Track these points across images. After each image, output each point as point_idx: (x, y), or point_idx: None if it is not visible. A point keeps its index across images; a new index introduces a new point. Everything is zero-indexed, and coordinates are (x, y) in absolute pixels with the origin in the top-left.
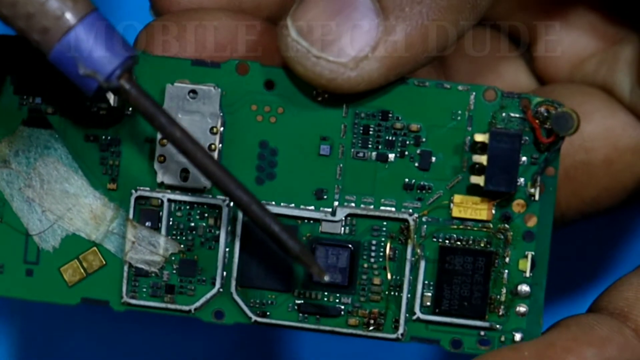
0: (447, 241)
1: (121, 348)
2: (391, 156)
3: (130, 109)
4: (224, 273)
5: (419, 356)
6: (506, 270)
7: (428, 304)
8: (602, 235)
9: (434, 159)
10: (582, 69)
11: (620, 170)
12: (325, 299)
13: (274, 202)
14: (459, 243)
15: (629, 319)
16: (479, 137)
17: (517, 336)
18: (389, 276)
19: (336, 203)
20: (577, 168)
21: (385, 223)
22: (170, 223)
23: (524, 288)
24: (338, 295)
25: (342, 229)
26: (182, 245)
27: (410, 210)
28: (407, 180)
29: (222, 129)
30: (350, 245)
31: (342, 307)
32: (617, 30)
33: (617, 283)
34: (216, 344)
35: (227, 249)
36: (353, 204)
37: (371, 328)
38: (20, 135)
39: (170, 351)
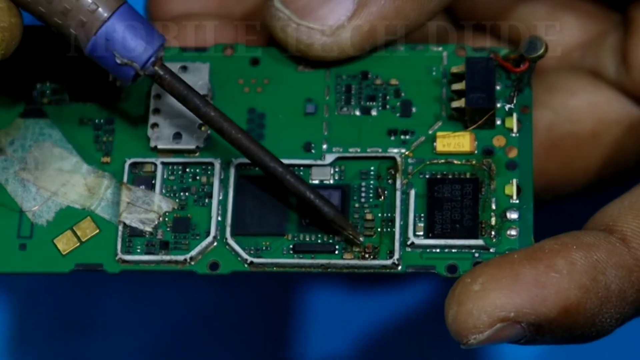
0: (434, 176)
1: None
2: (374, 110)
3: (123, 93)
4: (219, 226)
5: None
6: (494, 198)
7: (421, 233)
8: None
9: (414, 108)
10: (569, 58)
11: (607, 142)
12: (319, 240)
13: None
14: (445, 176)
15: (615, 231)
16: (455, 69)
17: None
18: (374, 199)
19: (324, 153)
20: (564, 139)
21: (372, 168)
22: (164, 189)
23: (512, 215)
24: (332, 235)
25: (332, 176)
26: (175, 203)
27: (396, 151)
28: (390, 127)
29: (212, 101)
30: (341, 187)
31: (337, 245)
32: (602, 19)
33: (600, 209)
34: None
35: (220, 205)
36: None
37: (367, 259)
38: (16, 127)
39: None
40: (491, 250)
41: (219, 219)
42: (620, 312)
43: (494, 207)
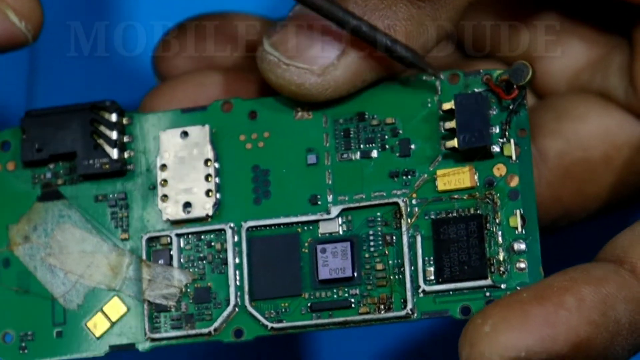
0: (438, 216)
1: None
2: (374, 152)
3: (131, 165)
4: (238, 292)
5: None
6: (500, 232)
7: (431, 277)
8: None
9: (413, 146)
10: (578, 80)
11: (619, 166)
12: (335, 295)
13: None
14: (449, 215)
15: (625, 262)
16: (447, 106)
17: None
18: (383, 248)
19: (330, 205)
20: (576, 165)
21: (379, 213)
22: (181, 258)
23: (520, 246)
24: (346, 288)
25: (340, 227)
26: (194, 274)
27: (399, 193)
28: (391, 169)
29: (216, 164)
30: (349, 240)
31: (352, 299)
32: (607, 40)
33: (611, 240)
34: None
35: (237, 271)
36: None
37: (382, 311)
38: (36, 211)
39: None
40: (502, 286)
41: (238, 284)
42: (632, 344)
43: (500, 241)
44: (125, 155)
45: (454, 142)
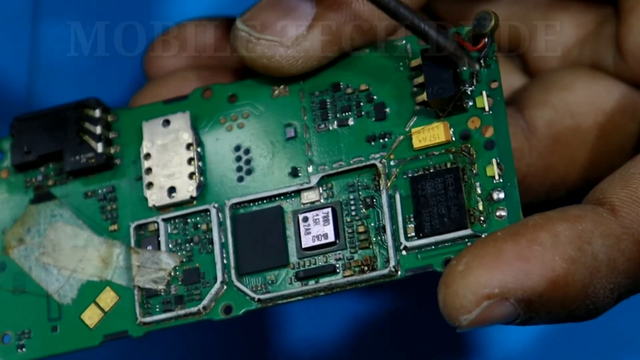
0: (415, 174)
1: None
2: (350, 120)
3: (118, 159)
4: (225, 269)
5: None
6: (478, 182)
7: (412, 234)
8: None
9: (388, 109)
10: (570, 57)
11: (612, 132)
12: (320, 262)
13: (255, 194)
14: (427, 172)
15: (604, 203)
16: (415, 63)
17: None
18: (364, 210)
19: (310, 175)
20: (566, 134)
21: (358, 178)
22: (169, 243)
23: (499, 195)
24: (330, 254)
25: (320, 195)
26: (182, 256)
27: (377, 156)
28: (368, 134)
29: (198, 148)
30: (331, 206)
31: (337, 263)
32: (595, 14)
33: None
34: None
35: (223, 248)
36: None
37: (366, 272)
38: (30, 214)
39: None
40: (483, 236)
41: (225, 262)
42: (613, 282)
43: (479, 191)
44: (112, 150)
45: (424, 96)
